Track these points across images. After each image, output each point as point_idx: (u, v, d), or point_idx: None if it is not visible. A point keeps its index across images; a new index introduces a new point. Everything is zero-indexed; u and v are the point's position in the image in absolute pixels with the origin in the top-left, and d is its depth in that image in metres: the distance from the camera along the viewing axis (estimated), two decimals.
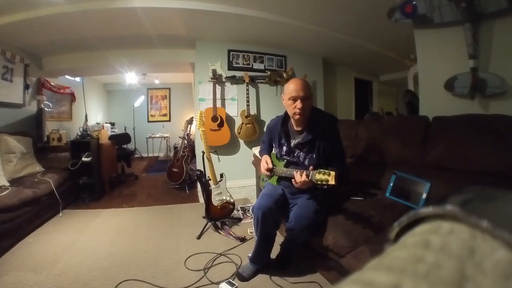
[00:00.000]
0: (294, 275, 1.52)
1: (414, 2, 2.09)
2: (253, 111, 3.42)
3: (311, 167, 1.32)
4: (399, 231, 0.17)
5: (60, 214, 2.57)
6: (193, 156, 3.82)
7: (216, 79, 3.23)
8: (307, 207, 1.44)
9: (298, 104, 1.42)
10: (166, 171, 3.62)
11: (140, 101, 6.18)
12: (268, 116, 3.45)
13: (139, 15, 2.51)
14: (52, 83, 3.83)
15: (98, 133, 3.35)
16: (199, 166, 2.87)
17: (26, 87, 3.21)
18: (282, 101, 1.55)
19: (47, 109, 3.60)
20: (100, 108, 6.12)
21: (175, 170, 3.51)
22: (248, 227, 2.21)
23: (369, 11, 2.68)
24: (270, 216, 1.48)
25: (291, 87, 1.44)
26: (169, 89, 6.79)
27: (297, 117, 1.46)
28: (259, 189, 2.30)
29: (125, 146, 4.78)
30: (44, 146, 3.21)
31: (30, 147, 2.80)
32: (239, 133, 3.34)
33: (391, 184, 1.64)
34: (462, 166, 1.56)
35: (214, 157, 2.35)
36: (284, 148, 1.57)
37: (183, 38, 3.22)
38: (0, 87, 2.80)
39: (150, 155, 6.44)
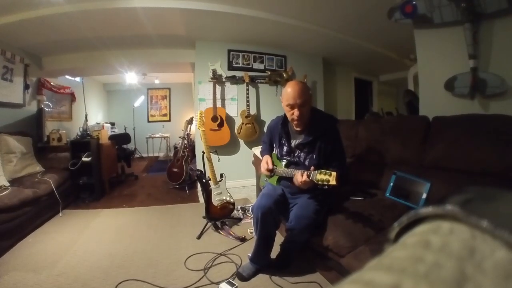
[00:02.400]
0: (294, 275, 1.52)
1: (414, 2, 2.09)
2: (253, 111, 3.42)
3: (312, 167, 1.32)
4: (399, 231, 0.17)
5: (60, 214, 2.57)
6: (193, 156, 3.82)
7: (216, 79, 3.23)
8: (307, 207, 1.44)
9: (296, 112, 1.42)
10: (166, 171, 3.62)
11: (140, 101, 6.18)
12: (268, 116, 3.45)
13: (139, 15, 2.51)
14: (52, 83, 3.83)
15: (98, 133, 3.35)
16: (199, 166, 2.87)
17: (26, 87, 3.20)
18: (281, 103, 1.55)
19: (47, 109, 3.60)
20: (100, 108, 6.12)
21: (175, 170, 3.51)
22: (248, 227, 2.21)
23: (369, 11, 2.68)
24: (270, 216, 1.48)
25: (289, 93, 1.42)
26: (169, 89, 6.78)
27: (295, 123, 1.48)
28: (259, 189, 2.30)
29: (125, 146, 4.78)
30: (44, 146, 3.20)
31: (30, 147, 2.80)
32: (239, 133, 3.34)
33: (391, 184, 1.64)
34: (462, 166, 1.56)
35: (214, 157, 2.35)
36: (285, 148, 1.57)
37: (183, 38, 3.22)
38: (0, 87, 2.80)
39: (150, 155, 6.44)
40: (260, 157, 1.78)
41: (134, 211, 2.76)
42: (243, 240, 1.99)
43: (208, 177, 2.19)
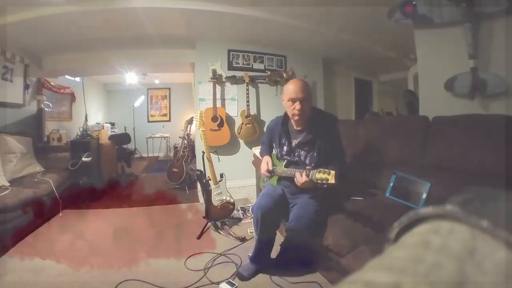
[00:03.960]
0: (294, 275, 1.52)
1: (414, 2, 2.09)
2: (253, 111, 3.42)
3: (311, 166, 1.32)
4: (399, 231, 0.17)
5: (60, 214, 2.56)
6: (193, 156, 3.81)
7: (216, 79, 3.23)
8: (307, 207, 1.44)
9: (297, 105, 1.42)
10: (166, 171, 3.61)
11: (140, 101, 6.18)
12: (268, 116, 3.45)
13: (139, 15, 2.51)
14: (52, 83, 3.83)
15: (98, 133, 3.36)
16: (199, 166, 2.87)
17: (26, 87, 3.20)
18: (282, 101, 1.55)
19: (47, 109, 3.60)
20: (100, 108, 6.11)
21: (175, 170, 3.51)
22: (248, 227, 2.21)
23: (369, 11, 2.67)
24: (270, 216, 1.48)
25: (290, 88, 1.44)
26: (169, 89, 6.78)
27: (296, 118, 1.47)
28: (259, 189, 2.30)
29: (125, 146, 4.78)
30: (44, 146, 3.20)
31: (30, 147, 2.80)
32: (239, 133, 3.34)
33: (391, 184, 1.64)
34: (462, 166, 1.56)
35: (214, 157, 2.35)
36: (285, 148, 1.57)
37: (183, 38, 3.21)
38: (0, 87, 2.80)
39: (150, 155, 6.43)
40: (261, 158, 1.78)
41: (134, 211, 2.76)
42: (243, 240, 1.99)
43: (208, 177, 2.19)
